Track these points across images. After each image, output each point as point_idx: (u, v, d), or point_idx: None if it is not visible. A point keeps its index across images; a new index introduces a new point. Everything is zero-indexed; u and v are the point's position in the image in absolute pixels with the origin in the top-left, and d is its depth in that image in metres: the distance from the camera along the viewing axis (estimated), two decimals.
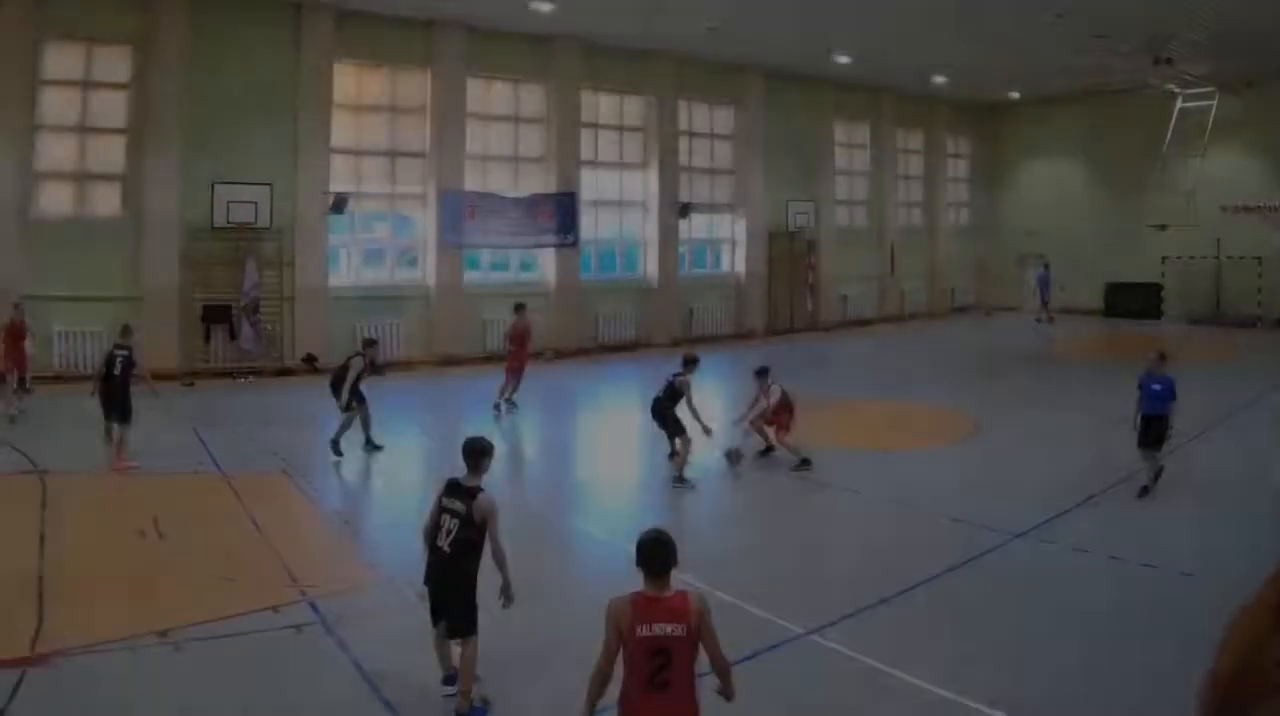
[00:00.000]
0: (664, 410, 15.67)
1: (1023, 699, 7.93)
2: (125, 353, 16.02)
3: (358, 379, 16.70)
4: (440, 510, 7.89)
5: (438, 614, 7.96)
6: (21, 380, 19.85)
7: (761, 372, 16.66)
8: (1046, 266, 40.61)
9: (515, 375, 21.26)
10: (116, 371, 15.86)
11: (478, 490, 7.85)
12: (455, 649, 7.98)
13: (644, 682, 5.54)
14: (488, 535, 7.76)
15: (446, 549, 7.76)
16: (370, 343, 17.59)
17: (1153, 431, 13.77)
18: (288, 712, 7.99)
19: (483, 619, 7.93)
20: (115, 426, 15.84)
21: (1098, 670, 8.50)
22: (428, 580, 7.99)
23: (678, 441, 15.44)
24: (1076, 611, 9.86)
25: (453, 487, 7.93)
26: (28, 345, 20.45)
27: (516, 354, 21.40)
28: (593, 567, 12.05)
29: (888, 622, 9.60)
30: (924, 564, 11.15)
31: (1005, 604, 10.17)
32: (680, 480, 15.06)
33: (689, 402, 15.59)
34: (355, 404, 16.76)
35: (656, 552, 5.77)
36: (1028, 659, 8.77)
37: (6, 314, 19.84)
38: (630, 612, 5.60)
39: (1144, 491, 13.81)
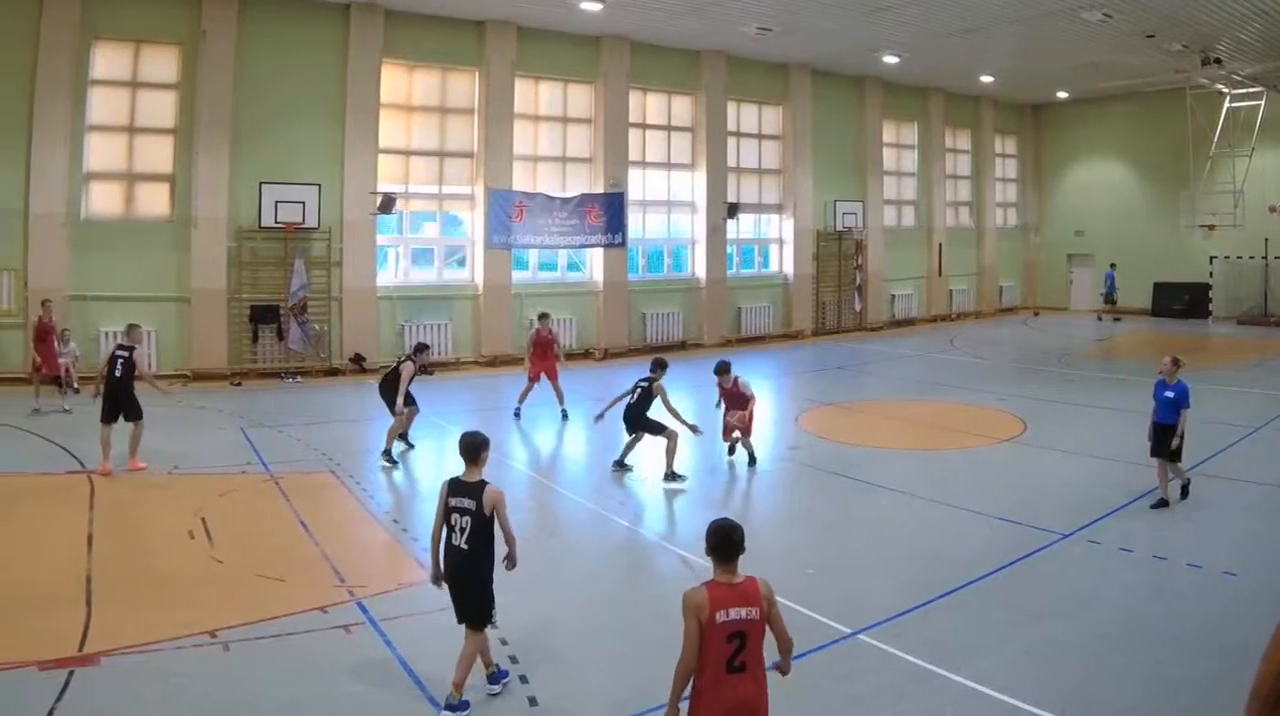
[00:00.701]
0: (638, 415, 15.26)
1: (1070, 698, 7.69)
2: (125, 354, 15.27)
3: (409, 383, 16.22)
4: (448, 511, 7.78)
5: (462, 612, 7.95)
6: (58, 379, 19.69)
7: (723, 368, 15.83)
8: (1113, 265, 39.59)
9: (538, 383, 20.11)
10: (118, 372, 15.14)
11: (483, 483, 7.78)
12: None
13: (723, 665, 5.59)
14: (498, 523, 7.78)
15: (465, 546, 7.69)
16: (422, 348, 16.92)
17: (1164, 441, 12.98)
18: (335, 713, 7.69)
19: (528, 613, 8.47)
20: (130, 427, 15.16)
21: (1143, 670, 8.28)
22: (450, 580, 7.86)
23: (664, 438, 15.01)
24: (1122, 611, 9.58)
25: (457, 486, 7.82)
26: (73, 347, 20.21)
27: (537, 361, 20.24)
28: (640, 565, 11.87)
29: (936, 623, 9.37)
30: (972, 564, 10.92)
31: (1052, 604, 9.85)
32: (672, 476, 14.77)
33: (666, 403, 15.14)
34: (405, 408, 16.23)
35: (729, 540, 5.81)
36: (1075, 658, 8.50)
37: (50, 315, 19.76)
38: (708, 601, 5.63)
39: (1162, 503, 13.00)
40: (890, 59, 33.33)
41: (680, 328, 31.71)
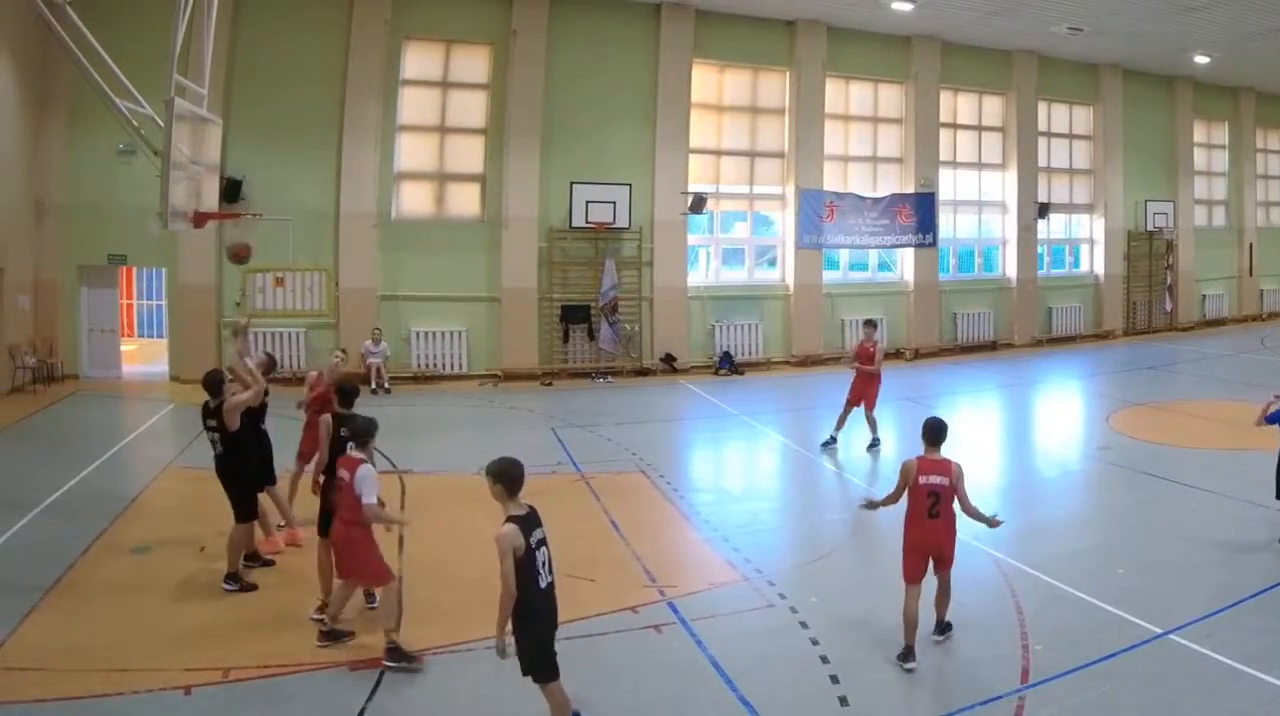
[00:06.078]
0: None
1: None
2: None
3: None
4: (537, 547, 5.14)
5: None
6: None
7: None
8: None
9: (858, 405, 12.33)
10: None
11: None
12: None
13: (924, 513, 6.17)
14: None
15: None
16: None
17: None
18: (646, 711, 5.76)
19: (840, 613, 7.26)
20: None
21: None
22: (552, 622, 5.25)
23: None
24: None
25: (535, 519, 5.12)
26: (384, 347, 13.09)
27: (856, 380, 12.47)
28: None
29: (1246, 623, 6.79)
30: None
31: None
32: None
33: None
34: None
35: (940, 430, 6.33)
36: None
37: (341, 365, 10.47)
38: (916, 468, 6.19)
39: None
40: (1201, 59, 23.08)
41: (991, 328, 22.69)
